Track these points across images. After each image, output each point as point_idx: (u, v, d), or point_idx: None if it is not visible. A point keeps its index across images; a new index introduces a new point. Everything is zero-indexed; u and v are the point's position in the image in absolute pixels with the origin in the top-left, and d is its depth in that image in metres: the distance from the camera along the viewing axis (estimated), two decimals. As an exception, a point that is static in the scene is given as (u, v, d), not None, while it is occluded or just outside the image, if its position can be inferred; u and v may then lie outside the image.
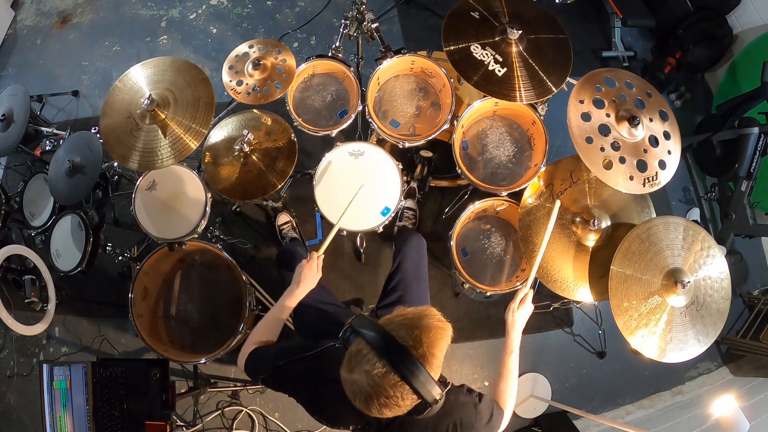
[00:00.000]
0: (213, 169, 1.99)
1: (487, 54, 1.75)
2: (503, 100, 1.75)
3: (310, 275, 1.41)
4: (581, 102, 1.63)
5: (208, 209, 1.94)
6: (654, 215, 1.78)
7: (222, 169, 1.98)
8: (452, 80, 2.00)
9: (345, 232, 1.88)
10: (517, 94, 1.71)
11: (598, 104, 1.65)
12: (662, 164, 1.64)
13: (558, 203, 1.59)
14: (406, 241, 1.78)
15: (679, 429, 2.25)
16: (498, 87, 1.72)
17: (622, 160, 1.61)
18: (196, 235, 1.96)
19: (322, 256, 1.47)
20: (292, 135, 2.01)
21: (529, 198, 1.81)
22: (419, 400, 0.93)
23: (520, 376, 2.38)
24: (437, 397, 0.94)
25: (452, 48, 1.75)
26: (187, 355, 1.98)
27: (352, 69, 2.08)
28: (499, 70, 1.73)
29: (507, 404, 1.31)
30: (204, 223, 1.94)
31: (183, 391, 2.18)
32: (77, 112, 2.94)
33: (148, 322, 1.99)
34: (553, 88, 1.73)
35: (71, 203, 2.14)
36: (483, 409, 1.17)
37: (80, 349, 2.50)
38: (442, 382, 0.98)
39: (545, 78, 1.74)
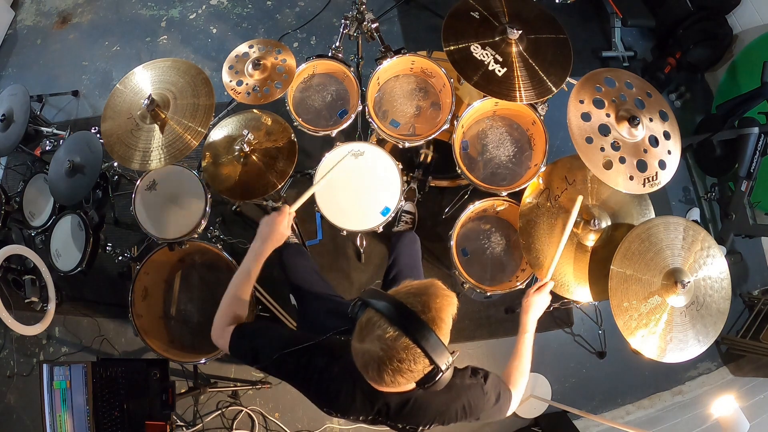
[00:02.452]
0: (213, 168, 1.99)
1: (487, 54, 1.75)
2: (503, 100, 1.75)
3: (278, 231, 1.31)
4: (581, 102, 1.63)
5: (208, 209, 1.94)
6: (653, 215, 1.78)
7: (222, 168, 1.98)
8: (452, 80, 2.00)
9: (345, 232, 1.88)
10: (517, 94, 1.71)
11: (598, 104, 1.65)
12: (662, 164, 1.64)
13: (580, 198, 1.59)
14: (400, 238, 1.86)
15: (679, 429, 2.25)
16: (498, 87, 1.72)
17: (622, 160, 1.61)
18: (196, 235, 1.96)
19: (293, 213, 1.37)
20: (292, 135, 2.01)
21: (528, 198, 1.81)
22: (431, 366, 0.95)
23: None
24: (448, 362, 0.95)
25: (452, 48, 1.75)
26: (187, 355, 1.98)
27: (352, 69, 2.08)
28: (499, 70, 1.73)
29: (517, 384, 1.29)
30: (204, 223, 1.94)
31: (183, 391, 2.18)
32: (77, 112, 2.94)
33: (148, 322, 1.99)
34: (553, 88, 1.73)
35: (71, 203, 2.14)
36: (489, 389, 1.17)
37: (80, 349, 2.50)
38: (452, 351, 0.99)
39: (545, 78, 1.74)
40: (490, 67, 1.73)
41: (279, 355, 1.14)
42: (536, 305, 1.42)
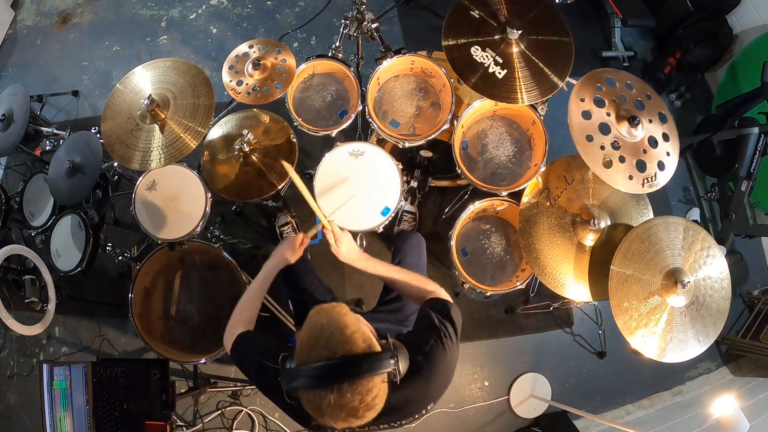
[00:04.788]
0: (210, 166, 1.99)
1: (487, 56, 1.75)
2: (506, 103, 1.75)
3: (287, 250, 1.45)
4: (582, 100, 1.63)
5: (208, 209, 1.94)
6: (651, 215, 1.78)
7: (220, 167, 1.98)
8: (452, 80, 2.00)
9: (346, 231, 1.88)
10: (519, 96, 1.70)
11: (599, 103, 1.65)
12: (661, 165, 1.64)
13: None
14: (405, 240, 1.79)
15: (679, 429, 2.25)
16: (498, 90, 1.71)
17: (621, 159, 1.61)
18: (195, 235, 1.96)
19: (308, 239, 1.51)
20: (292, 135, 2.01)
21: (528, 198, 1.81)
22: (382, 375, 0.93)
23: (520, 375, 2.40)
24: (390, 356, 0.93)
25: (451, 44, 1.73)
26: (187, 355, 1.98)
27: (352, 69, 2.08)
28: (500, 72, 1.73)
29: (425, 281, 1.29)
30: (204, 223, 1.94)
31: (183, 391, 2.19)
32: (77, 112, 2.94)
33: (148, 322, 1.99)
34: (558, 82, 1.71)
35: (71, 203, 2.14)
36: (439, 324, 1.12)
37: (80, 349, 2.50)
38: (380, 337, 0.98)
39: (549, 74, 1.72)
40: (490, 69, 1.73)
41: (260, 375, 1.16)
42: (351, 252, 1.41)
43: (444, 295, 1.24)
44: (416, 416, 1.12)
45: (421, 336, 1.12)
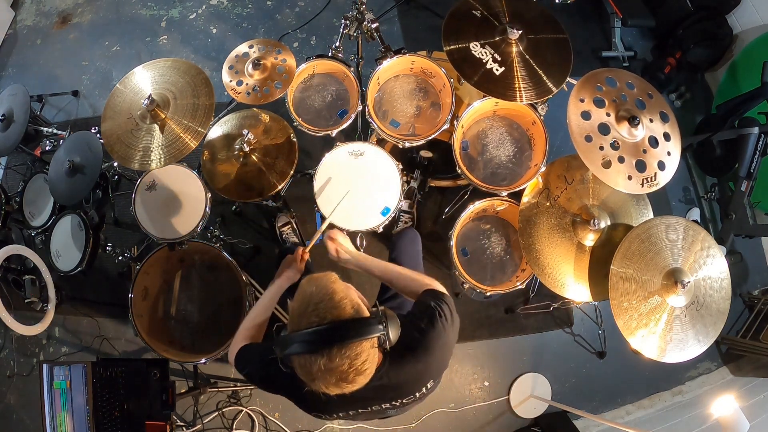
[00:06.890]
0: (210, 166, 1.99)
1: (486, 53, 1.75)
2: (503, 100, 1.75)
3: (289, 269, 1.50)
4: (581, 101, 1.63)
5: (208, 209, 1.94)
6: (651, 215, 1.78)
7: (220, 167, 1.98)
8: (452, 80, 2.00)
9: (345, 232, 1.88)
10: (517, 94, 1.71)
11: (599, 103, 1.65)
12: (661, 165, 1.64)
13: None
14: (400, 236, 1.83)
15: (679, 429, 2.25)
16: (496, 86, 1.71)
17: (621, 160, 1.61)
18: (195, 235, 1.96)
19: (307, 253, 1.55)
20: (292, 135, 2.01)
21: (528, 198, 1.81)
22: (371, 340, 0.95)
23: (520, 375, 2.40)
24: (379, 322, 0.96)
25: (452, 48, 1.75)
26: (187, 355, 1.98)
27: (352, 69, 2.08)
28: (497, 69, 1.73)
29: (423, 278, 1.30)
30: (204, 223, 1.94)
31: (183, 391, 2.19)
32: (77, 112, 2.94)
33: (148, 322, 1.99)
34: (553, 89, 1.73)
35: (71, 203, 2.14)
36: (440, 313, 1.14)
37: (80, 349, 2.50)
38: (372, 306, 1.01)
39: (545, 78, 1.73)
40: (488, 66, 1.73)
41: (261, 368, 1.19)
42: (350, 253, 1.46)
43: (439, 287, 1.26)
44: (416, 394, 1.14)
45: (418, 315, 1.15)
